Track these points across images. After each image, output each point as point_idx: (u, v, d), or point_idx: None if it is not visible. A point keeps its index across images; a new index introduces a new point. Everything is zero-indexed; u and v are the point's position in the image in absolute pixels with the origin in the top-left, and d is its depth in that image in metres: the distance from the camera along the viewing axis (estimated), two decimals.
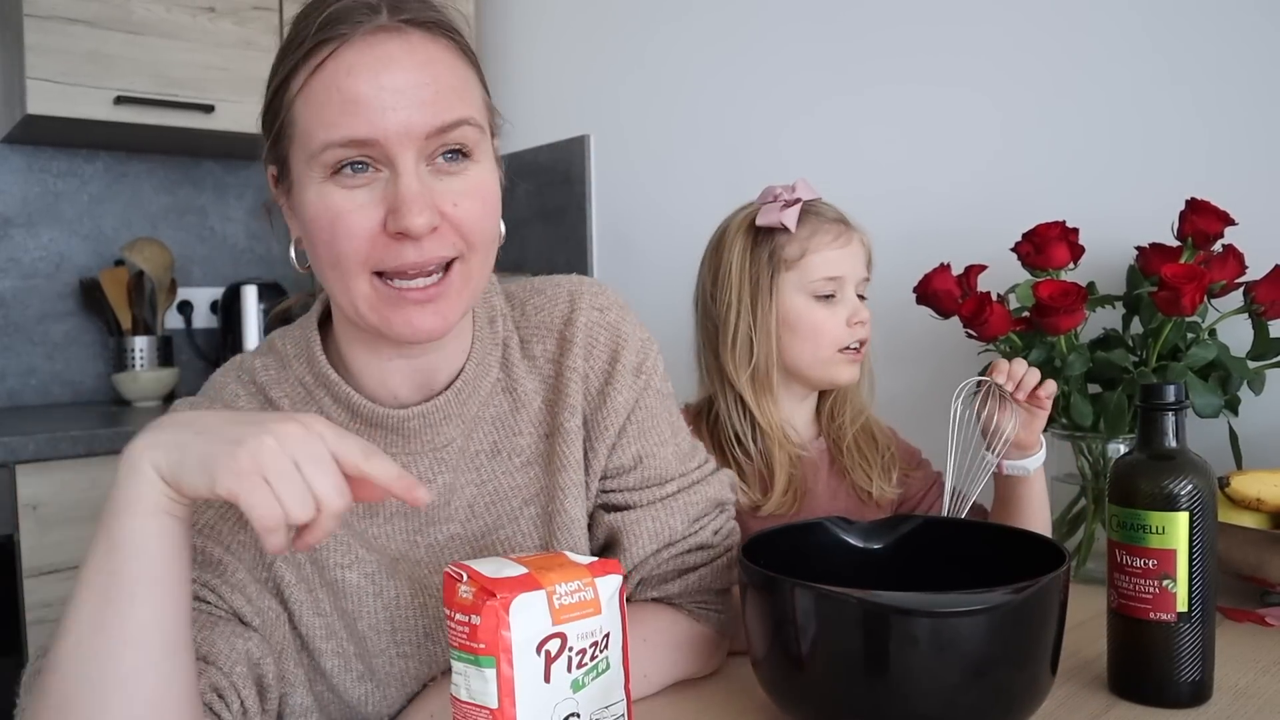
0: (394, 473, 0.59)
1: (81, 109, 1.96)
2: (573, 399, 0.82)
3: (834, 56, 1.77)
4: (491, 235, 0.74)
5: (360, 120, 0.67)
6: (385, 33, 0.68)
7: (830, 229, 1.15)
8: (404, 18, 0.69)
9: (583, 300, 0.85)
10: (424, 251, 0.69)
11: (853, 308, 1.14)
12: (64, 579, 1.72)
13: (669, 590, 0.85)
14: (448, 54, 0.71)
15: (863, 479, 1.17)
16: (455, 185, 0.71)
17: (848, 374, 1.15)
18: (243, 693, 0.69)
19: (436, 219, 0.69)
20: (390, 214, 0.68)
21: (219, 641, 0.70)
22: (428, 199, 0.69)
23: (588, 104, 2.29)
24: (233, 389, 0.81)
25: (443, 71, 0.70)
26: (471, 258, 0.73)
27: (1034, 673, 0.67)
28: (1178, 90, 1.35)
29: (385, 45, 0.68)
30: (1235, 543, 0.99)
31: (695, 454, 0.90)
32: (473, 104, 0.72)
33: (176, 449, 0.58)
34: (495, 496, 0.82)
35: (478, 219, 0.72)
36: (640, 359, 0.85)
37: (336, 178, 0.69)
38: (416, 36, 0.69)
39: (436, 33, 0.71)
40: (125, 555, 0.58)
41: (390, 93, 0.67)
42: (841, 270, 1.14)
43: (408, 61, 0.68)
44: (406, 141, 0.68)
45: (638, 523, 0.83)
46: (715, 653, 0.87)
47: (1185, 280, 1.10)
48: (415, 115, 0.67)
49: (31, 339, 2.24)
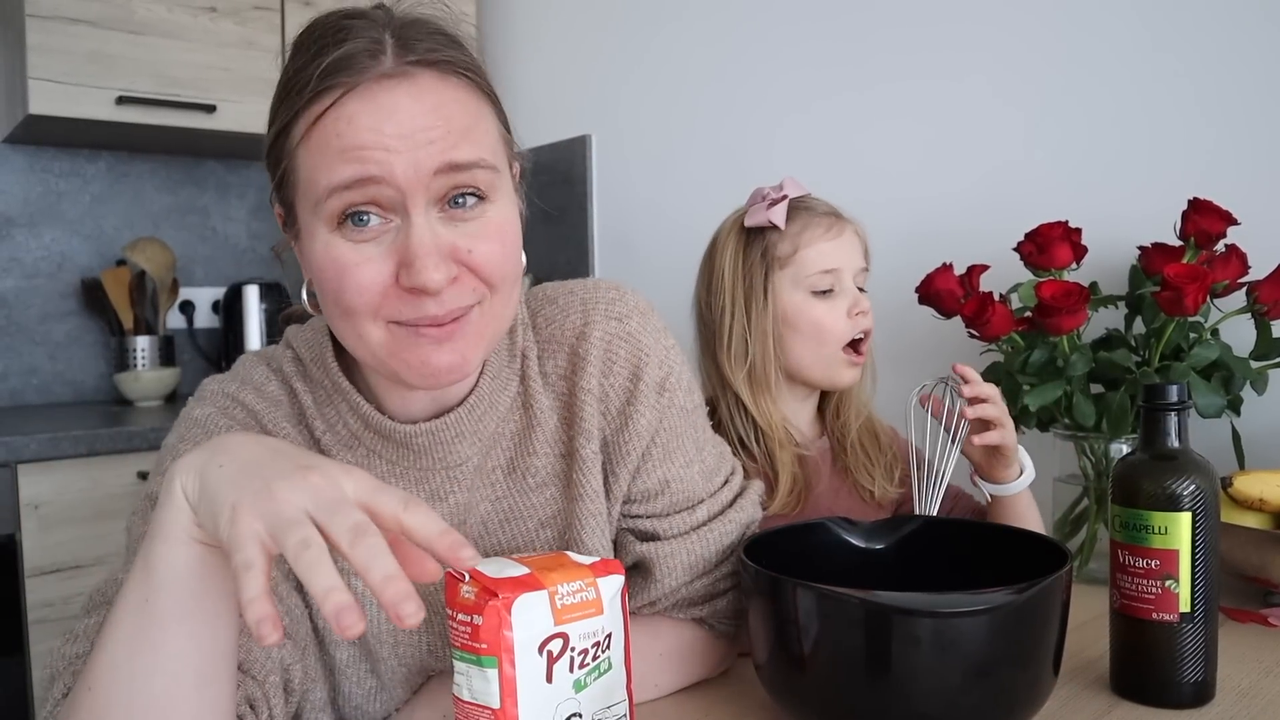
0: (435, 529, 0.52)
1: (83, 109, 1.96)
2: (588, 423, 0.78)
3: (835, 56, 1.77)
4: (514, 275, 0.70)
5: (366, 164, 0.63)
6: (391, 80, 0.64)
7: (821, 222, 1.14)
8: (411, 59, 0.65)
9: (597, 310, 0.80)
10: (444, 304, 0.66)
11: (852, 298, 1.13)
12: (66, 578, 1.72)
13: (696, 612, 0.84)
14: (460, 93, 0.67)
15: (865, 478, 1.16)
16: (470, 229, 0.66)
17: (849, 376, 1.15)
18: (272, 701, 0.68)
19: (454, 269, 0.65)
20: (403, 268, 0.64)
21: (256, 651, 0.68)
22: (442, 249, 0.65)
23: (588, 104, 2.29)
24: (263, 371, 0.79)
25: (455, 113, 0.66)
26: (493, 299, 0.69)
27: (1036, 673, 0.67)
28: (1180, 90, 1.35)
29: (390, 93, 0.64)
30: (1238, 543, 0.99)
31: (722, 466, 0.87)
32: (486, 145, 0.68)
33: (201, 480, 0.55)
34: (510, 515, 0.80)
35: (498, 262, 0.68)
36: (664, 374, 0.80)
37: (342, 229, 0.65)
38: (425, 79, 0.65)
39: (447, 70, 0.67)
40: (157, 583, 0.56)
41: (395, 138, 0.63)
42: (837, 262, 1.13)
43: (415, 109, 0.64)
44: (415, 182, 0.64)
45: (672, 555, 0.81)
46: (727, 658, 0.86)
47: (1188, 280, 1.10)
48: (422, 154, 0.64)
49: (33, 339, 2.24)
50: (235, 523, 0.51)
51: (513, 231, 0.70)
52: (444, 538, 0.52)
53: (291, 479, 0.52)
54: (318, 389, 0.78)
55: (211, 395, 0.79)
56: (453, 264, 0.66)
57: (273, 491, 0.51)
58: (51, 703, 0.65)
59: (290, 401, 0.79)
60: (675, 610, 0.84)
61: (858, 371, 1.15)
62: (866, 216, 1.21)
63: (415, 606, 0.48)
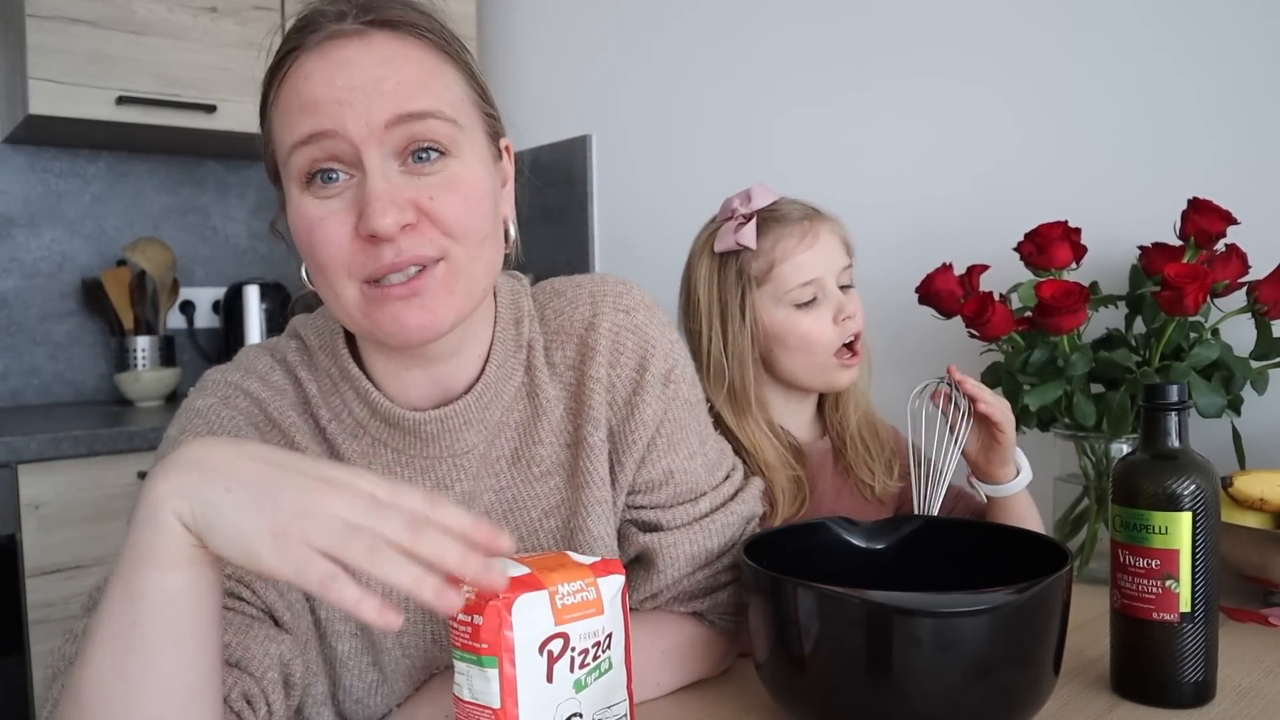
0: (468, 522, 0.53)
1: (84, 109, 1.96)
2: (596, 411, 0.79)
3: (834, 56, 1.77)
4: (480, 231, 0.70)
5: (320, 116, 0.66)
6: (344, 37, 0.67)
7: (794, 231, 1.11)
8: (368, 19, 0.68)
9: (605, 303, 0.81)
10: (401, 251, 0.67)
11: (837, 304, 1.11)
12: (66, 579, 1.72)
13: (697, 605, 0.84)
14: (416, 50, 0.69)
15: (865, 473, 1.16)
16: (433, 182, 0.68)
17: (846, 378, 1.13)
18: (270, 696, 0.68)
19: (410, 216, 0.67)
20: (360, 218, 0.66)
21: (253, 646, 0.69)
22: (397, 196, 0.66)
23: (588, 104, 2.29)
24: (266, 361, 0.80)
25: (404, 65, 0.68)
26: (457, 254, 0.69)
27: (1037, 673, 0.67)
28: (1180, 89, 1.35)
29: (343, 49, 0.67)
30: (1238, 543, 0.99)
31: (724, 461, 0.88)
32: (444, 98, 0.69)
33: (207, 507, 0.53)
34: (514, 505, 0.80)
35: (459, 213, 0.68)
36: (669, 366, 0.82)
37: (311, 188, 0.68)
38: (379, 37, 0.68)
39: (404, 31, 0.69)
40: (146, 609, 0.55)
41: (345, 90, 0.66)
42: (815, 271, 1.10)
43: (364, 60, 0.67)
44: (368, 135, 0.66)
45: (674, 545, 0.81)
46: (727, 656, 0.87)
47: (1188, 280, 1.10)
48: (373, 106, 0.66)
49: (34, 339, 2.24)
50: (288, 548, 0.51)
51: (479, 189, 0.70)
52: (479, 528, 0.53)
53: (317, 494, 0.52)
54: (323, 377, 0.78)
55: (214, 385, 0.78)
56: (410, 211, 0.67)
57: (310, 511, 0.51)
58: (52, 702, 0.65)
59: (295, 390, 0.79)
60: (676, 603, 0.84)
61: (855, 371, 1.14)
62: (866, 216, 1.21)
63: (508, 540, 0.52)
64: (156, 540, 0.54)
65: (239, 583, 0.71)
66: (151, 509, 0.54)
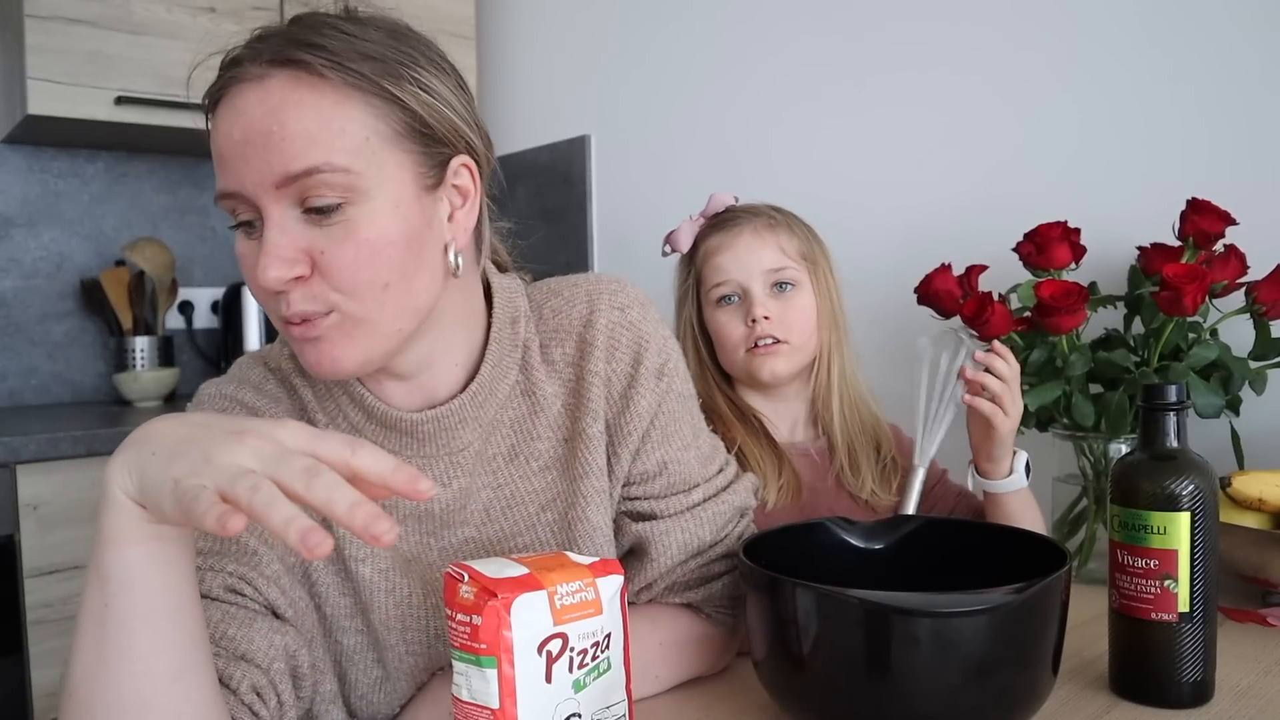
0: (388, 465, 0.52)
1: (82, 109, 1.96)
2: (595, 403, 0.81)
3: (834, 56, 1.77)
4: (378, 281, 0.68)
5: (226, 175, 0.67)
6: (246, 84, 0.66)
7: (716, 236, 1.18)
8: (276, 56, 0.66)
9: (602, 300, 0.83)
10: (291, 304, 0.67)
11: (749, 305, 1.15)
12: (65, 579, 1.72)
13: (691, 596, 0.85)
14: (310, 94, 0.65)
15: (852, 481, 1.16)
16: (333, 233, 0.66)
17: (765, 369, 1.15)
18: (279, 688, 0.69)
19: (302, 268, 0.66)
20: None
21: (257, 639, 0.69)
22: (286, 251, 0.66)
23: (588, 104, 2.29)
24: (260, 371, 0.81)
25: (292, 115, 0.65)
26: (350, 307, 0.68)
27: (1035, 673, 0.67)
28: (1179, 89, 1.35)
29: (243, 97, 0.66)
30: (1237, 543, 0.99)
31: (716, 455, 0.90)
32: (335, 145, 0.65)
33: (139, 474, 0.54)
34: (511, 501, 0.81)
35: (349, 269, 0.67)
36: (663, 360, 0.84)
37: (242, 229, 0.69)
38: (276, 80, 0.66)
39: (303, 69, 0.66)
40: (114, 588, 0.56)
41: (241, 144, 0.66)
42: (728, 274, 1.16)
43: (256, 111, 0.65)
44: (264, 192, 0.66)
45: (666, 534, 0.83)
46: (726, 653, 0.87)
47: (1187, 280, 1.10)
48: (264, 162, 0.65)
49: (32, 339, 2.24)
50: (179, 489, 0.50)
51: (380, 238, 0.67)
52: (399, 472, 0.52)
53: (227, 444, 0.52)
54: (317, 384, 0.80)
55: (209, 398, 0.80)
56: (303, 263, 0.67)
57: (211, 459, 0.51)
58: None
59: (290, 398, 0.80)
60: (670, 594, 0.85)
61: (775, 362, 1.15)
62: (866, 216, 1.21)
63: (388, 524, 0.48)
64: (113, 519, 0.55)
65: (241, 580, 0.72)
66: (106, 490, 0.55)
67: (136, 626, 0.56)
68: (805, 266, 1.17)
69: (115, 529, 0.55)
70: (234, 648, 0.68)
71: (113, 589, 0.56)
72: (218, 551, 0.72)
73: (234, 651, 0.68)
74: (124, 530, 0.55)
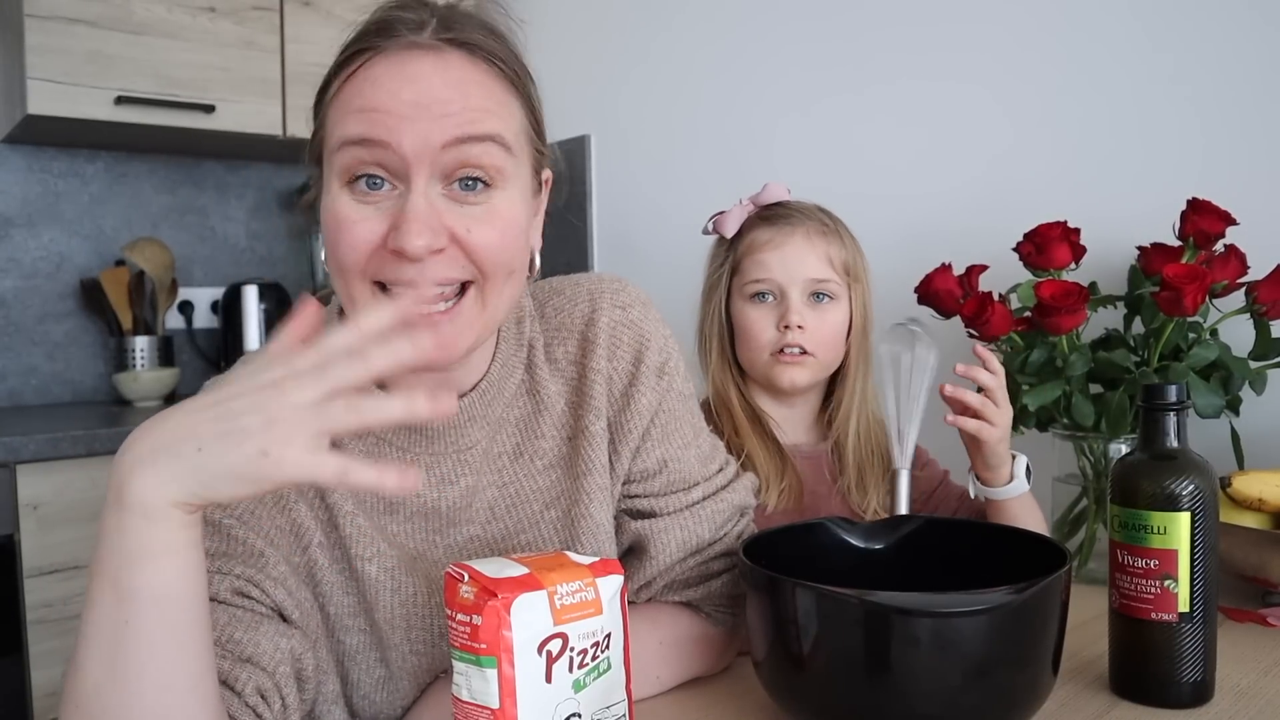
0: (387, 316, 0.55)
1: (82, 109, 1.96)
2: (597, 401, 0.82)
3: (834, 56, 1.77)
4: (509, 265, 0.71)
5: (377, 125, 0.66)
6: (420, 50, 0.67)
7: (766, 231, 1.15)
8: (447, 36, 0.68)
9: (604, 299, 0.84)
10: (424, 271, 0.67)
11: (785, 310, 1.13)
12: (65, 579, 1.72)
13: (691, 594, 0.85)
14: (487, 78, 0.69)
15: (855, 492, 1.16)
16: (474, 213, 0.68)
17: (786, 378, 1.14)
18: (284, 690, 0.69)
19: (442, 241, 0.67)
20: (392, 230, 0.67)
21: (263, 642, 0.69)
22: (433, 221, 0.67)
23: (588, 104, 2.29)
24: None
25: (474, 91, 0.68)
26: (486, 285, 0.70)
27: (1035, 673, 0.67)
28: (1179, 90, 1.35)
29: (417, 62, 0.67)
30: (1237, 543, 0.99)
31: (716, 455, 0.90)
32: (505, 126, 0.69)
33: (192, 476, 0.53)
34: (516, 499, 0.82)
35: (494, 248, 0.69)
36: (663, 359, 0.84)
37: (352, 187, 0.68)
38: (454, 57, 0.68)
39: (479, 56, 0.69)
40: (138, 608, 0.55)
41: (411, 105, 0.66)
42: (769, 273, 1.14)
43: (436, 80, 0.67)
44: (422, 154, 0.66)
45: (666, 531, 0.83)
46: (726, 652, 0.87)
47: (1187, 280, 1.10)
48: (435, 126, 0.66)
49: (32, 339, 2.24)
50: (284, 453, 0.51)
51: (515, 223, 0.71)
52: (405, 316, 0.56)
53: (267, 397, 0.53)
54: None
55: None
56: (443, 237, 0.68)
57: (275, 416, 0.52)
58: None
59: None
60: (669, 592, 0.85)
61: (797, 373, 1.14)
62: (866, 216, 1.21)
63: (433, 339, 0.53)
64: (148, 534, 0.54)
65: (249, 582, 0.72)
66: (142, 507, 0.54)
67: (161, 640, 0.56)
68: (846, 281, 1.16)
69: (149, 542, 0.55)
70: (240, 650, 0.68)
71: (138, 606, 0.55)
72: (225, 554, 0.72)
73: (240, 654, 0.68)
74: (160, 542, 0.55)
